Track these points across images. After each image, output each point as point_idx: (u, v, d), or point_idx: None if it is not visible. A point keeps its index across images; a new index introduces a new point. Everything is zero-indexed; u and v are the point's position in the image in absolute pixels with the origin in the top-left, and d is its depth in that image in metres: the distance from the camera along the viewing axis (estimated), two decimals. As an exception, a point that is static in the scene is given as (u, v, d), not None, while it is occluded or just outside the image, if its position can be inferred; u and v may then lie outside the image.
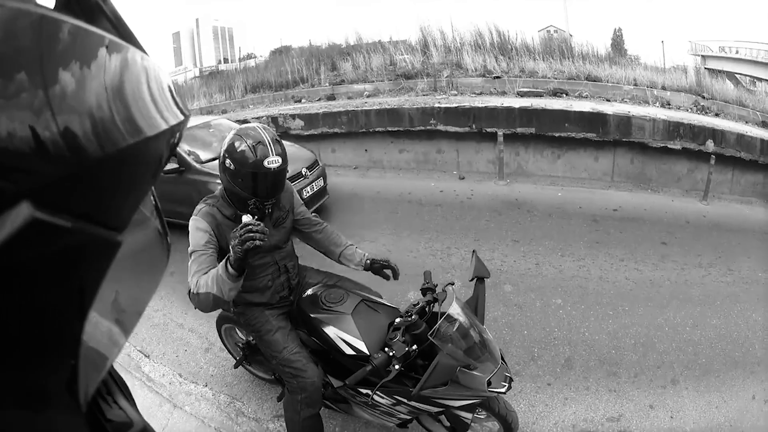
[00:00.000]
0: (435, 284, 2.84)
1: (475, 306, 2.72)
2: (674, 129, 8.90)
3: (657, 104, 9.69)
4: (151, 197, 0.61)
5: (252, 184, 2.47)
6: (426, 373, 2.36)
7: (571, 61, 10.35)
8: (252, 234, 2.13)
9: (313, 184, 6.79)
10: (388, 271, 2.99)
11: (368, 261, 2.95)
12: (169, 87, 0.54)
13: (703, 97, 10.82)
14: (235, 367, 3.67)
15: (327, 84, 12.80)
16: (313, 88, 13.06)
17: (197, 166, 6.42)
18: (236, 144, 2.45)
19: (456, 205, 6.96)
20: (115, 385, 0.64)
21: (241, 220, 2.33)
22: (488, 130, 8.31)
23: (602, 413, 3.98)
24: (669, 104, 9.87)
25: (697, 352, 4.98)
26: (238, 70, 17.51)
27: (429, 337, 2.41)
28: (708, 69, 24.37)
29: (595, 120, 8.41)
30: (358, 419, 3.29)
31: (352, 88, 12.13)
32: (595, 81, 9.87)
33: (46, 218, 0.32)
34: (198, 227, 2.48)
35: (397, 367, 2.41)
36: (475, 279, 2.78)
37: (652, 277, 6.12)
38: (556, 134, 8.42)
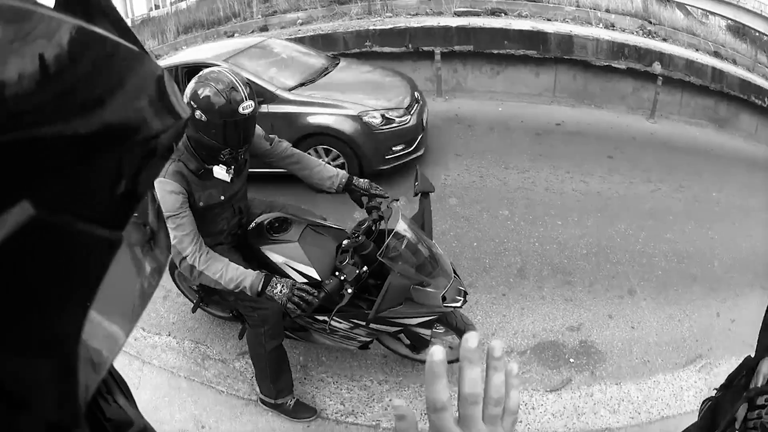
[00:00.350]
0: (380, 201, 2.79)
1: (421, 221, 2.77)
2: (618, 49, 8.60)
3: (600, 26, 9.33)
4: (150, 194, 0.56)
5: (225, 133, 2.31)
6: (379, 296, 2.39)
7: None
8: (302, 304, 2.30)
9: None
10: (365, 199, 2.84)
11: (342, 182, 2.80)
12: (170, 86, 0.49)
13: (650, 23, 10.46)
14: (193, 311, 3.56)
15: (260, 16, 12.21)
16: (245, 21, 12.49)
17: (286, 95, 5.30)
18: (203, 91, 2.27)
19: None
20: (114, 384, 0.63)
21: (210, 174, 2.41)
22: (425, 48, 8.03)
23: (561, 322, 3.97)
24: (613, 26, 9.53)
25: (652, 264, 4.81)
26: (170, 14, 16.76)
27: (378, 257, 2.42)
28: None
29: (535, 38, 8.19)
30: (320, 346, 3.30)
31: (285, 17, 11.55)
32: (535, 1, 9.41)
33: (47, 217, 0.32)
34: (169, 190, 2.30)
35: (350, 290, 2.42)
36: (420, 194, 2.78)
37: (599, 190, 5.79)
38: (495, 51, 8.17)
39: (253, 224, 2.84)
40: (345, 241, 2.59)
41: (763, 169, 7.88)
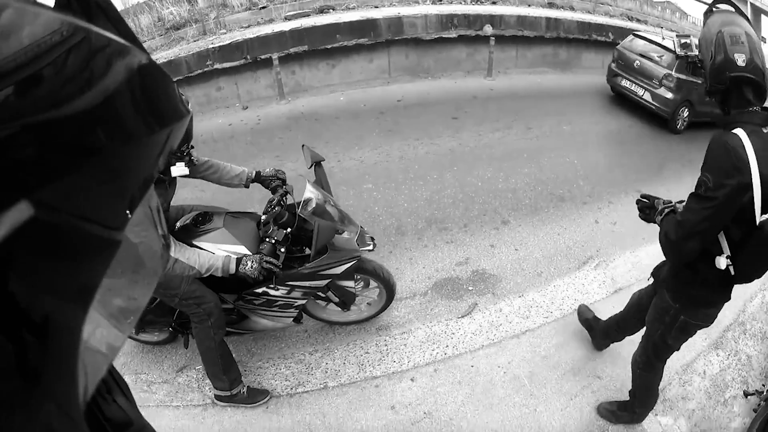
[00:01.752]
0: (284, 179, 3.03)
1: (321, 187, 2.99)
2: (448, 20, 8.90)
3: (428, 2, 9.53)
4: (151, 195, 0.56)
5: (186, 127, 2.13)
6: (313, 239, 2.59)
7: (339, -23, 9.86)
8: (273, 269, 2.54)
9: None
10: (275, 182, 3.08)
11: (251, 176, 3.07)
12: (172, 86, 0.50)
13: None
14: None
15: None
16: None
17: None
18: None
19: (248, 132, 6.69)
20: (115, 384, 0.64)
21: (168, 172, 2.46)
22: (262, 57, 7.99)
23: (449, 261, 4.17)
24: (441, 1, 9.74)
25: (518, 197, 5.06)
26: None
27: (299, 214, 2.67)
28: None
29: (366, 26, 8.32)
30: (251, 336, 3.40)
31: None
32: None
33: (46, 218, 0.32)
34: None
35: (282, 250, 2.63)
36: (314, 165, 3.02)
37: (450, 147, 5.95)
38: (329, 46, 8.23)
39: (177, 225, 2.90)
40: (263, 216, 2.85)
41: (609, 96, 8.61)
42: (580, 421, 2.94)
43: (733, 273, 2.05)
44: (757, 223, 1.88)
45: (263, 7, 9.76)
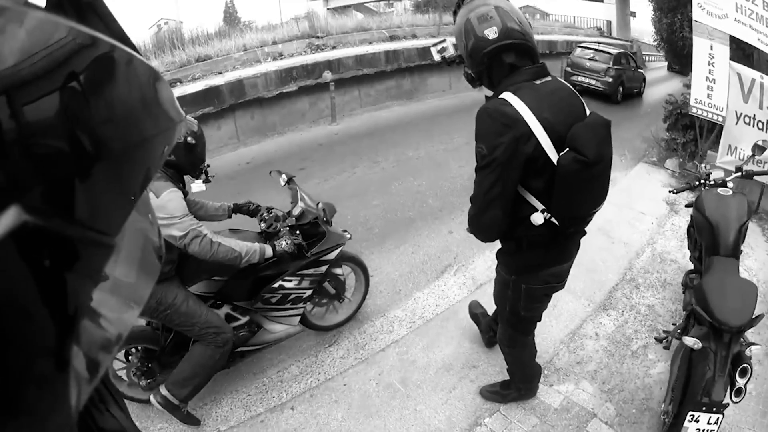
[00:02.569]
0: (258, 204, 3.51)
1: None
2: (287, 74, 9.25)
3: (269, 59, 9.86)
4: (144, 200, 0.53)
5: (202, 148, 2.84)
6: (323, 219, 3.35)
7: (182, 49, 9.81)
8: (300, 242, 3.06)
9: None
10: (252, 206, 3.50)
11: (231, 207, 3.49)
12: (166, 89, 0.50)
13: (318, 38, 11.42)
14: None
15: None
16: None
17: None
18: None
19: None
20: (109, 395, 0.62)
21: (186, 190, 2.91)
22: None
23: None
24: (281, 55, 10.11)
25: (369, 227, 5.34)
26: None
27: (299, 204, 3.27)
28: (331, 9, 24.99)
29: (210, 94, 8.40)
30: (266, 348, 3.48)
31: None
32: (206, 60, 9.52)
33: (37, 223, 0.31)
34: (180, 197, 2.64)
35: (298, 232, 3.15)
36: (287, 182, 3.49)
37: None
38: None
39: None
40: (262, 224, 3.28)
41: (458, 113, 9.23)
42: (465, 409, 3.13)
43: (557, 222, 2.03)
44: (555, 162, 1.89)
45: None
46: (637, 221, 5.54)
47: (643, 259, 4.71)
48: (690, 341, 2.44)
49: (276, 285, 3.17)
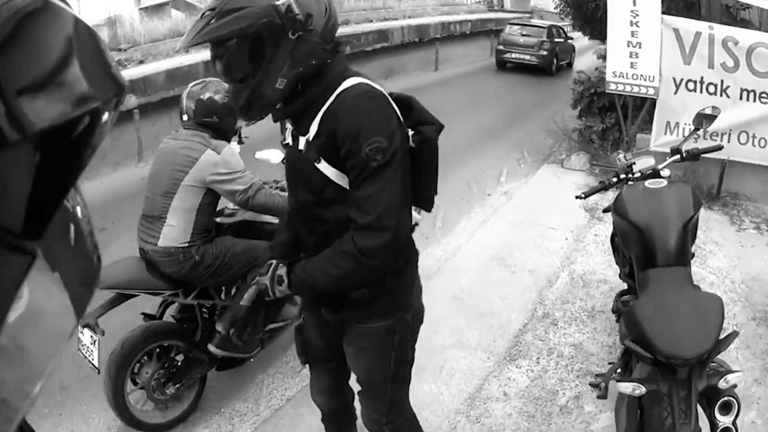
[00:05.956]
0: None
1: None
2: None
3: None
4: (77, 196, 0.43)
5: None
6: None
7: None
8: None
9: None
10: None
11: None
12: (106, 52, 0.40)
13: (121, 50, 8.87)
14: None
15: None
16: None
17: None
18: (212, 96, 2.60)
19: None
20: None
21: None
22: None
23: None
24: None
25: None
26: None
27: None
28: (143, 9, 15.67)
29: None
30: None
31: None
32: None
33: None
34: (238, 152, 2.69)
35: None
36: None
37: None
38: None
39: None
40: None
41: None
42: None
43: (425, 210, 1.79)
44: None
45: None
46: (546, 240, 4.56)
47: (558, 287, 3.85)
48: (626, 387, 1.91)
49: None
